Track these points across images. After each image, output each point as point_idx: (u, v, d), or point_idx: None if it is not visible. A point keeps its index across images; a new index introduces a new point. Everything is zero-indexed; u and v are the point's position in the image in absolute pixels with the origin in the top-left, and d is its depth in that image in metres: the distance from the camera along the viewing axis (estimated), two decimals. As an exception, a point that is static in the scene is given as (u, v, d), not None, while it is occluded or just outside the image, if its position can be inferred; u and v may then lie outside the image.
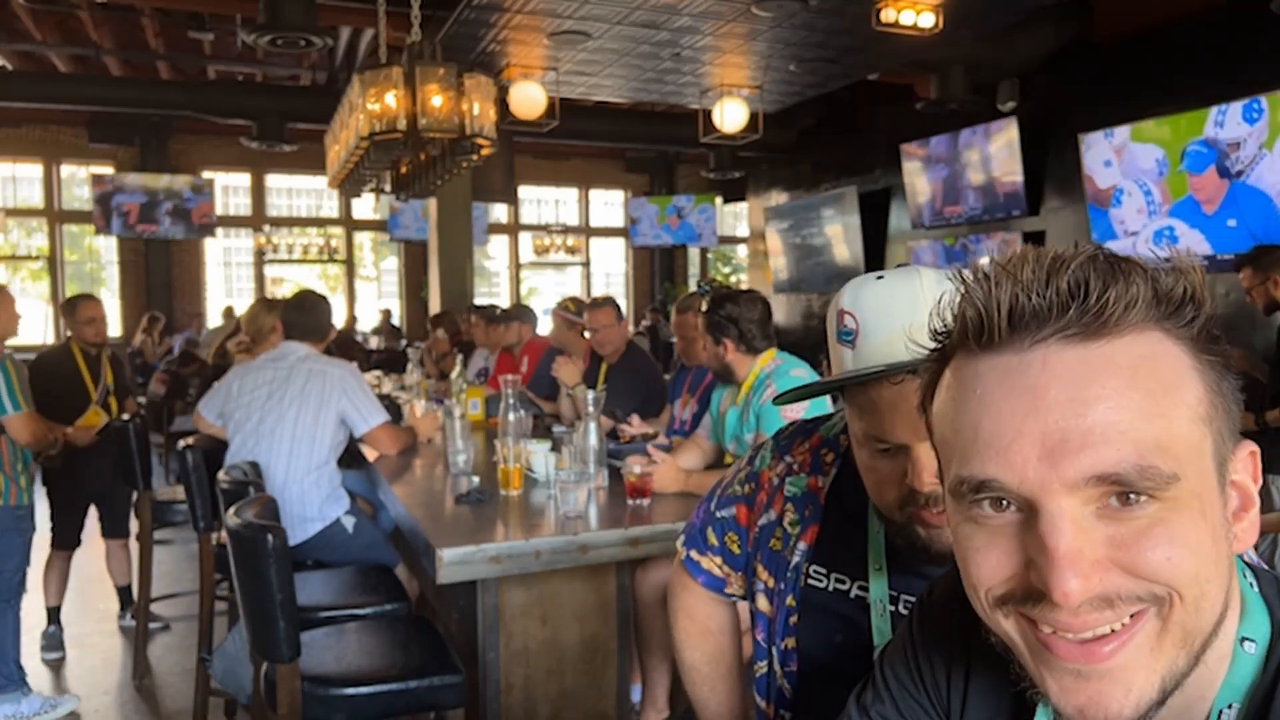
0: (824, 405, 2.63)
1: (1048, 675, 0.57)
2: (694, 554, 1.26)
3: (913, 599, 1.02)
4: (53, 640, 3.82)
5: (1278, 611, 0.61)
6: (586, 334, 4.14)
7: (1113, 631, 0.54)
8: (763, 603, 1.14)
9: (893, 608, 1.03)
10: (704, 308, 2.80)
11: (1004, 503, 0.55)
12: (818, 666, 1.08)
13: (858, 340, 0.97)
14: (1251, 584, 0.62)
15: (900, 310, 0.95)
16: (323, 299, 3.44)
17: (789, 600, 1.09)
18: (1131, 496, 0.53)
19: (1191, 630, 0.54)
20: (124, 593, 4.11)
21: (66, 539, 3.89)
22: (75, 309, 4.01)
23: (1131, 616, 0.54)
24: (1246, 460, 0.58)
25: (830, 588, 1.08)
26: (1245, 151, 5.38)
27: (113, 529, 4.02)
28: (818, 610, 1.08)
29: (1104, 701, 0.54)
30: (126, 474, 3.72)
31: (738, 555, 1.20)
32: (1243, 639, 0.59)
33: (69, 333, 4.07)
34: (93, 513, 3.99)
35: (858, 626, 1.04)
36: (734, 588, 1.24)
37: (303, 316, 3.26)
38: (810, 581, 1.09)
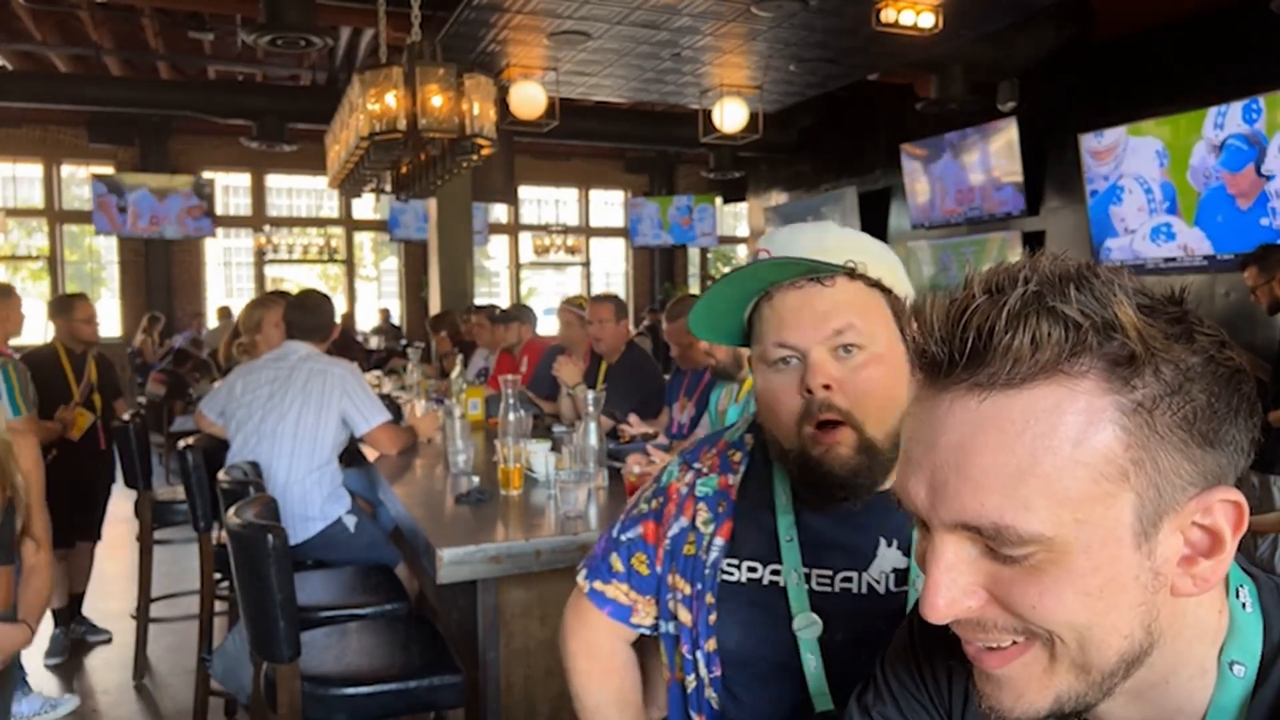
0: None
1: (972, 670, 0.62)
2: (598, 584, 1.21)
3: (825, 573, 1.05)
4: (56, 645, 3.82)
5: (1276, 625, 0.60)
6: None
7: (999, 648, 0.58)
8: (682, 613, 1.12)
9: (807, 585, 1.05)
10: None
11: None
12: (740, 662, 1.08)
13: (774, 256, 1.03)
14: (1244, 604, 0.60)
15: (809, 239, 1.03)
16: (325, 299, 3.44)
17: (708, 598, 1.08)
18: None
19: (1085, 665, 0.56)
20: (74, 600, 3.99)
21: (57, 539, 3.88)
22: (73, 307, 4.00)
23: (1017, 642, 0.57)
24: (1222, 506, 0.55)
25: (743, 578, 1.08)
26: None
27: (83, 531, 4.00)
28: (734, 603, 1.08)
29: (999, 700, 0.59)
30: (126, 474, 3.73)
31: (647, 576, 1.17)
32: (1231, 662, 0.58)
33: (56, 330, 4.04)
34: None
35: (773, 611, 1.05)
36: (640, 616, 1.19)
37: (305, 316, 3.26)
38: (725, 576, 1.09)
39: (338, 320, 3.36)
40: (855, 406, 0.98)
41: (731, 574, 1.09)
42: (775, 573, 1.06)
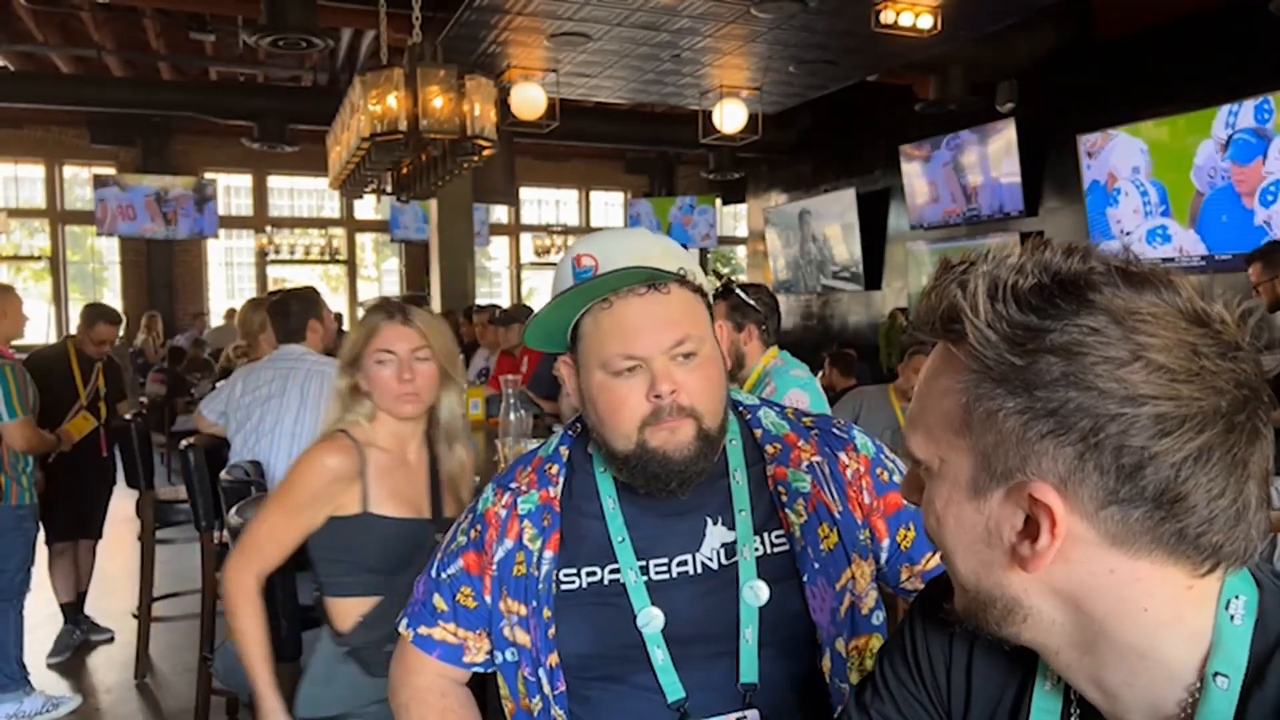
0: (822, 404, 2.64)
1: None
2: (423, 629, 1.17)
3: (661, 562, 1.08)
4: (62, 641, 3.84)
5: (1273, 627, 0.59)
6: None
7: None
8: (520, 636, 1.10)
9: (645, 576, 1.08)
10: (718, 294, 2.77)
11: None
12: (589, 666, 1.08)
13: (597, 272, 1.05)
14: (1234, 615, 0.59)
15: (636, 247, 1.07)
16: (297, 297, 3.31)
17: (545, 613, 1.08)
18: None
19: (959, 586, 0.67)
20: (79, 598, 4.00)
21: (61, 536, 3.92)
22: (94, 325, 4.01)
23: None
24: (1034, 500, 0.57)
25: (583, 584, 1.09)
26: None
27: (83, 529, 4.02)
28: (576, 612, 1.08)
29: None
30: (127, 474, 3.74)
31: (474, 609, 1.14)
32: (1215, 673, 0.58)
33: (74, 334, 4.08)
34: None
35: (620, 608, 1.07)
36: (472, 654, 1.16)
37: (279, 320, 3.25)
38: (563, 587, 1.09)
39: (320, 316, 3.28)
40: (696, 403, 1.04)
41: (571, 582, 1.09)
42: (615, 571, 1.09)
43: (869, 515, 1.12)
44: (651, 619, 1.06)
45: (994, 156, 7.22)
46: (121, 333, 11.12)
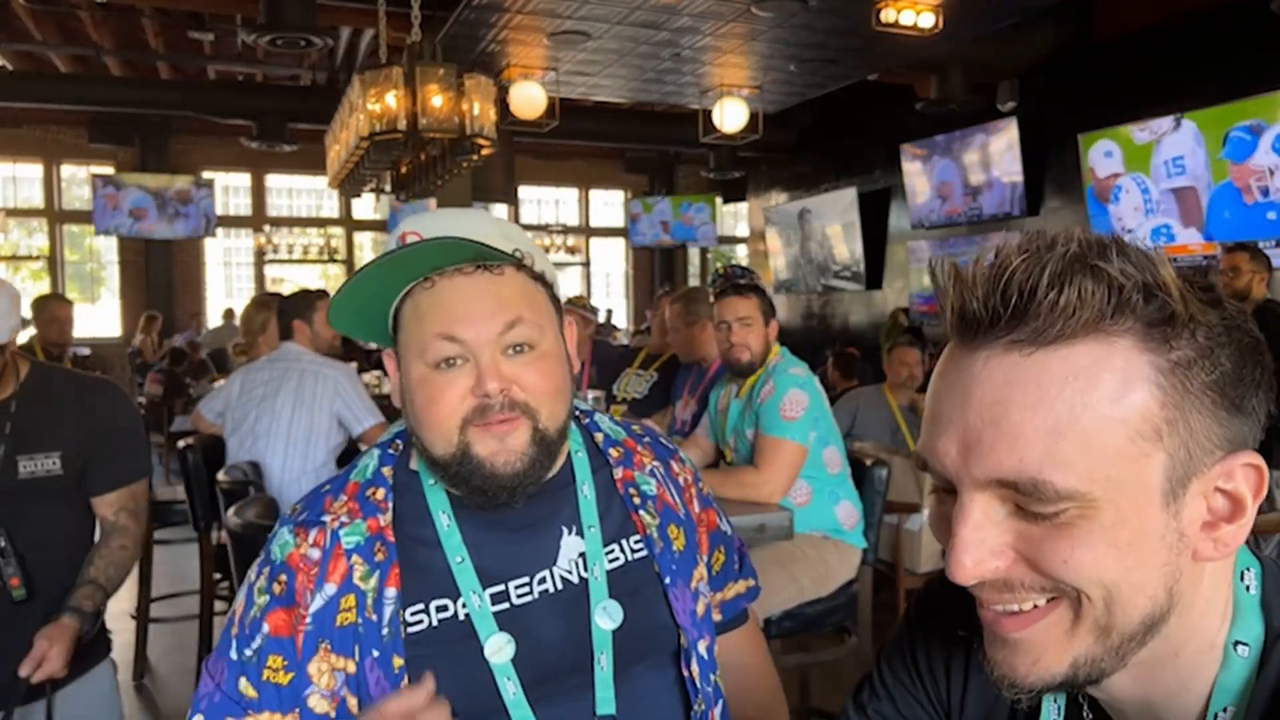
0: (821, 404, 2.63)
1: (983, 638, 0.62)
2: None
3: (522, 581, 0.95)
4: None
5: (1277, 611, 0.61)
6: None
7: (1020, 611, 0.58)
8: (350, 700, 0.91)
9: (506, 603, 0.94)
10: (750, 289, 2.71)
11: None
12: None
13: (425, 240, 0.92)
14: (1248, 586, 0.61)
15: (470, 224, 0.93)
16: (314, 299, 3.35)
17: (395, 661, 0.90)
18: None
19: (1107, 626, 0.56)
20: None
21: None
22: (45, 308, 4.00)
23: (1047, 601, 0.57)
24: (1244, 470, 0.56)
25: (434, 622, 0.93)
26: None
27: None
28: (431, 656, 0.91)
29: (1013, 667, 0.59)
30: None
31: (286, 686, 0.91)
32: (1235, 642, 0.60)
33: (34, 331, 4.06)
34: None
35: (472, 649, 0.92)
36: None
37: (284, 320, 3.26)
38: (411, 629, 0.92)
39: (306, 316, 3.28)
40: (531, 399, 0.92)
41: (419, 621, 0.93)
42: (465, 604, 0.94)
43: (698, 524, 1.08)
44: (500, 648, 0.92)
45: (995, 156, 7.21)
46: (119, 332, 11.06)
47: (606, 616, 0.96)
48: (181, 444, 3.14)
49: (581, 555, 0.98)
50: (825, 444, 2.55)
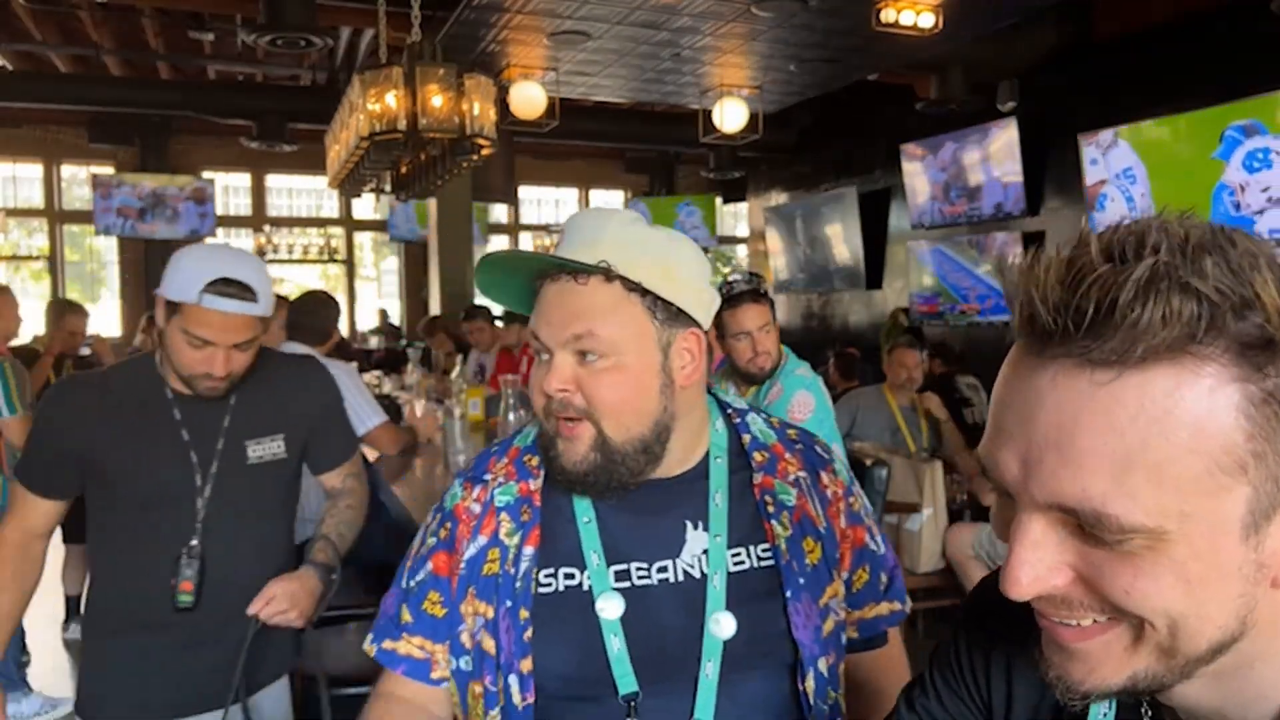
0: (825, 405, 2.63)
1: (1040, 639, 0.59)
2: (387, 644, 1.07)
3: (642, 565, 1.00)
4: (72, 645, 3.84)
5: None
6: None
7: (1079, 625, 0.55)
8: (485, 641, 1.01)
9: (627, 581, 1.01)
10: (761, 295, 2.70)
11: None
12: (558, 680, 0.99)
13: (560, 244, 1.02)
14: None
15: (590, 229, 1.00)
16: (328, 302, 3.41)
17: (522, 613, 0.99)
18: None
19: (1171, 650, 0.53)
20: (72, 602, 4.02)
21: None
22: (62, 317, 4.01)
23: (1107, 619, 0.54)
24: None
25: (561, 587, 1.01)
26: None
27: (72, 533, 4.00)
28: (554, 618, 1.00)
29: (1068, 672, 0.56)
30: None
31: (442, 619, 1.05)
32: None
33: (40, 335, 4.07)
34: None
35: (590, 618, 0.99)
36: (440, 669, 1.06)
37: (304, 318, 3.26)
38: (541, 589, 1.01)
39: (340, 324, 3.35)
40: (592, 406, 0.97)
41: (548, 585, 1.01)
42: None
43: (841, 541, 1.07)
44: (610, 605, 0.98)
45: (995, 156, 7.21)
46: (120, 333, 11.07)
47: (720, 625, 0.98)
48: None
49: (705, 552, 1.02)
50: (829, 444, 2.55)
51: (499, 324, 6.10)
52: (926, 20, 5.21)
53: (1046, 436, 0.51)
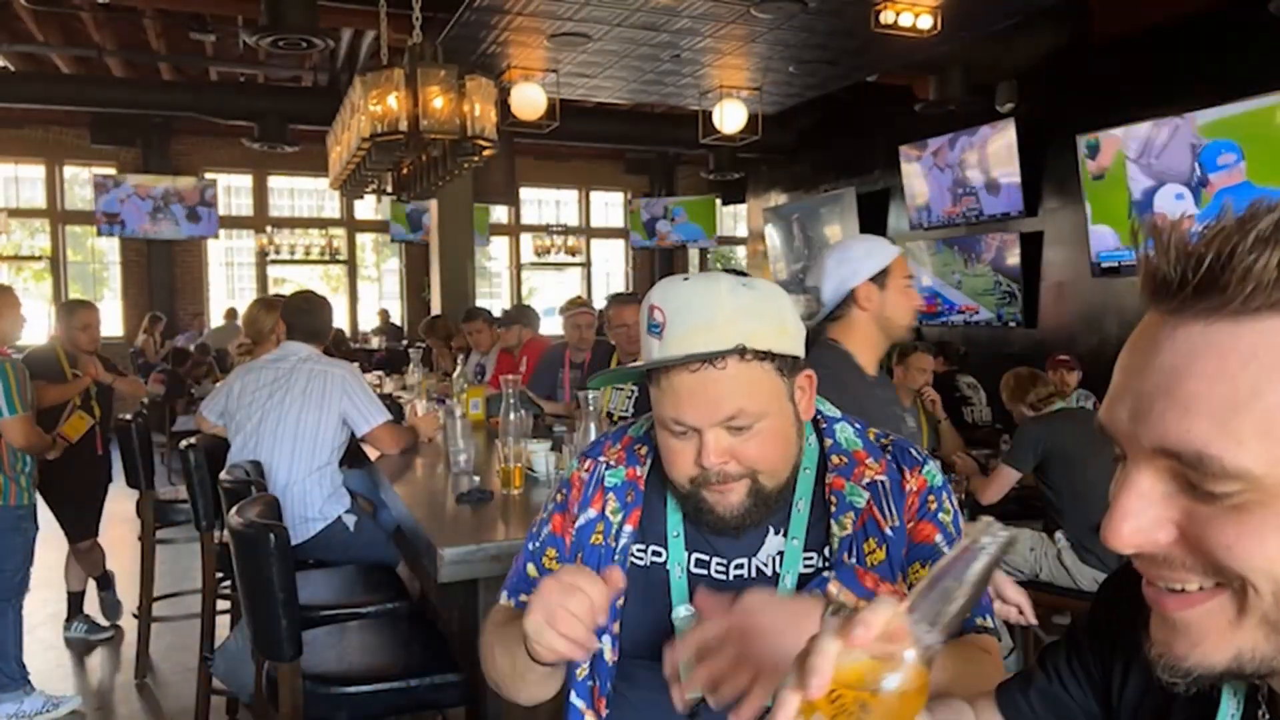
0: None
1: (1149, 618, 0.58)
2: (523, 598, 1.21)
3: (721, 561, 1.12)
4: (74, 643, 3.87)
5: None
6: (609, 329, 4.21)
7: (1183, 591, 0.54)
8: None
9: (706, 572, 1.13)
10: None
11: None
12: (637, 645, 1.13)
13: (664, 332, 1.05)
14: None
15: (700, 309, 1.04)
16: (323, 300, 3.46)
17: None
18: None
19: (1277, 621, 0.51)
20: (75, 599, 4.06)
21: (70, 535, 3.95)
22: (72, 313, 4.03)
23: (1204, 588, 0.53)
24: None
25: (648, 562, 1.15)
26: None
27: (77, 532, 4.03)
28: (641, 588, 1.13)
29: (1171, 648, 0.55)
30: (128, 474, 3.75)
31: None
32: None
33: (58, 334, 4.09)
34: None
35: (667, 595, 1.12)
36: None
37: (303, 318, 3.28)
38: (634, 560, 1.15)
39: (336, 323, 3.39)
40: (750, 466, 1.06)
41: (640, 559, 1.15)
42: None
43: (908, 536, 1.12)
44: (688, 614, 1.09)
45: (994, 156, 7.22)
46: (121, 332, 11.09)
47: None
48: (183, 444, 3.16)
49: (779, 553, 1.12)
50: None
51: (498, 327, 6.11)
52: (925, 22, 5.22)
53: (1157, 384, 0.52)
